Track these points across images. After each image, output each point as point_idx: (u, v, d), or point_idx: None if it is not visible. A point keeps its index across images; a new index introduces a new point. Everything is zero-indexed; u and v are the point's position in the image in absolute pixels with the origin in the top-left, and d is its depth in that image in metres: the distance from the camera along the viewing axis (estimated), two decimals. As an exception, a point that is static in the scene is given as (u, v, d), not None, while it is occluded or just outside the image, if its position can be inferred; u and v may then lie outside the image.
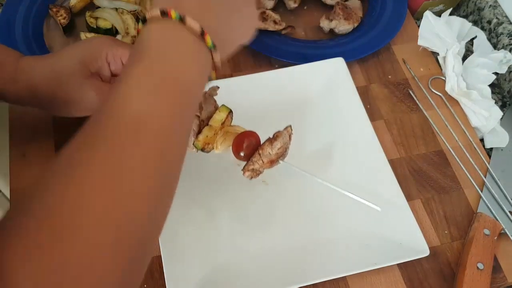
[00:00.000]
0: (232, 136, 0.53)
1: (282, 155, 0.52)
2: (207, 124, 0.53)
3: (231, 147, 0.53)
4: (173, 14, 0.37)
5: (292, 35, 0.74)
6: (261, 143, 0.52)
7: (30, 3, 0.71)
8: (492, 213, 0.60)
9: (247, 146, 0.51)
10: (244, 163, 0.53)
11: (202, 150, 0.53)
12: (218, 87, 0.55)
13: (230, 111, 0.54)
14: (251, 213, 0.58)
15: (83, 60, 0.52)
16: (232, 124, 0.55)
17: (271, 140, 0.51)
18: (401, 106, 0.69)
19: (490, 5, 0.76)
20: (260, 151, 0.51)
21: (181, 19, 0.37)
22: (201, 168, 0.60)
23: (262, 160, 0.51)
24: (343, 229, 0.57)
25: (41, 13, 0.71)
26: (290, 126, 0.53)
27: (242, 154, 0.52)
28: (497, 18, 0.75)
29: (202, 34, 0.37)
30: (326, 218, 0.57)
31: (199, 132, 0.53)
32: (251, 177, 0.52)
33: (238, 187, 0.59)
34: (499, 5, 0.76)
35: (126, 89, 0.34)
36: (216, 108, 0.55)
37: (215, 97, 0.55)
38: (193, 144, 0.52)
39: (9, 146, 0.61)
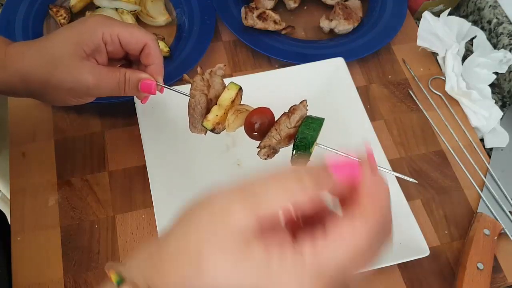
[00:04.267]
0: (243, 114, 0.49)
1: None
2: (216, 104, 0.49)
3: (243, 127, 0.49)
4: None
5: (292, 35, 0.74)
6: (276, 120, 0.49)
7: (30, 3, 0.71)
8: (492, 213, 0.60)
9: (262, 123, 0.47)
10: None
11: (212, 130, 0.49)
12: (225, 65, 0.51)
13: (240, 88, 0.50)
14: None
15: (78, 41, 0.48)
16: (241, 103, 0.51)
17: (288, 114, 0.47)
18: (401, 106, 0.69)
19: (490, 5, 0.76)
20: (277, 126, 0.47)
21: None
22: (201, 168, 0.60)
23: (280, 135, 0.46)
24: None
25: (41, 13, 0.71)
26: (305, 100, 0.49)
27: (256, 132, 0.47)
28: (497, 18, 0.75)
29: None
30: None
31: (208, 111, 0.49)
32: (267, 156, 0.48)
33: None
34: (499, 5, 0.76)
35: None
36: (224, 86, 0.51)
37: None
38: (201, 124, 0.49)
39: (9, 146, 0.61)
